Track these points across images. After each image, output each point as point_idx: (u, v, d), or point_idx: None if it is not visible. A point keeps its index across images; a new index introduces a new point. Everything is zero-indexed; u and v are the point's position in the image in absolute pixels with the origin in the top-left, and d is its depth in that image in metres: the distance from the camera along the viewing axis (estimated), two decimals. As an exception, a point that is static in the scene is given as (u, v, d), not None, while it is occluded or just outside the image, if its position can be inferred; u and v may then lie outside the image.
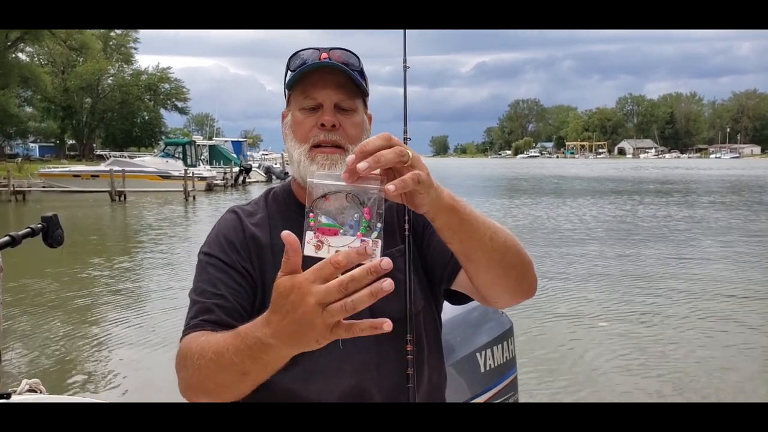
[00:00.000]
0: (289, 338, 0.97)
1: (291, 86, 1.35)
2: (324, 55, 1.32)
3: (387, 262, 0.88)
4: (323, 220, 0.96)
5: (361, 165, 0.96)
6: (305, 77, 1.32)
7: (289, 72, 1.36)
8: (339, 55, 1.33)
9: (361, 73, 1.36)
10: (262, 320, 1.01)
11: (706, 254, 11.85)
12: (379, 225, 0.96)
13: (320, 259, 0.95)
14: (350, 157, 0.97)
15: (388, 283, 0.89)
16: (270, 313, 0.98)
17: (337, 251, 0.94)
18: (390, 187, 0.96)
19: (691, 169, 67.60)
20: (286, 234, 0.94)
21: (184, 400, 1.20)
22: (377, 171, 0.99)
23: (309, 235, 0.96)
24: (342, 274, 0.90)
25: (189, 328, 1.26)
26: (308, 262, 0.99)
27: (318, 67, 1.31)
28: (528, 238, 13.80)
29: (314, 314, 0.91)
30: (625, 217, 18.91)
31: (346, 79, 1.32)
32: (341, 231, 0.95)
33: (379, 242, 0.96)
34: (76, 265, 11.17)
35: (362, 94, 1.36)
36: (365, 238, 0.95)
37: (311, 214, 0.97)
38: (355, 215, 0.96)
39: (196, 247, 1.54)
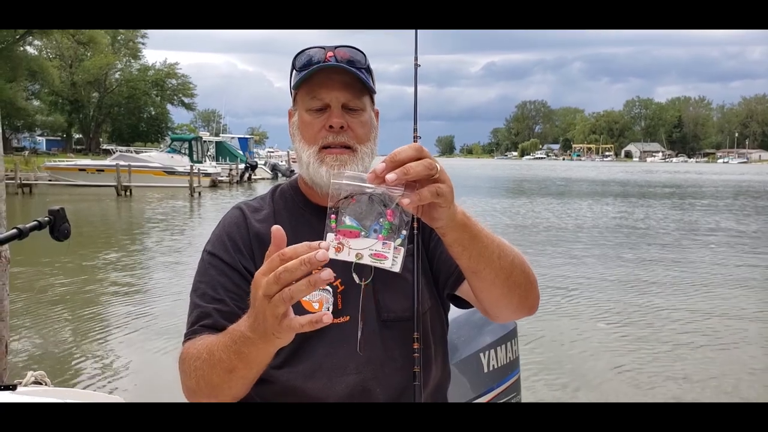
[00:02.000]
0: (257, 330, 1.00)
1: (297, 86, 1.34)
2: (330, 54, 1.31)
3: (323, 254, 0.90)
4: (347, 221, 0.95)
5: (390, 177, 0.95)
6: (311, 78, 1.31)
7: (294, 71, 1.35)
8: (344, 53, 1.32)
9: (368, 70, 1.35)
10: (245, 314, 1.05)
11: (708, 257, 11.81)
12: (404, 232, 0.96)
13: (342, 261, 0.96)
14: (380, 166, 0.97)
15: (326, 273, 0.91)
16: (249, 309, 1.02)
17: (357, 254, 0.94)
18: (405, 200, 0.97)
19: (702, 173, 67.19)
20: (276, 228, 0.95)
21: (187, 400, 1.21)
22: None
23: (330, 237, 0.95)
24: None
25: (189, 334, 1.28)
26: (329, 264, 1.00)
27: (323, 68, 1.30)
28: (528, 238, 13.80)
29: (263, 305, 0.95)
30: (628, 220, 18.85)
31: (353, 78, 1.31)
32: (363, 233, 0.94)
33: (402, 250, 0.95)
34: (81, 258, 11.21)
35: (369, 91, 1.36)
36: (387, 241, 0.94)
37: (333, 216, 0.96)
38: (381, 219, 0.95)
39: (199, 242, 1.55)
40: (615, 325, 7.21)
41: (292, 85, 1.37)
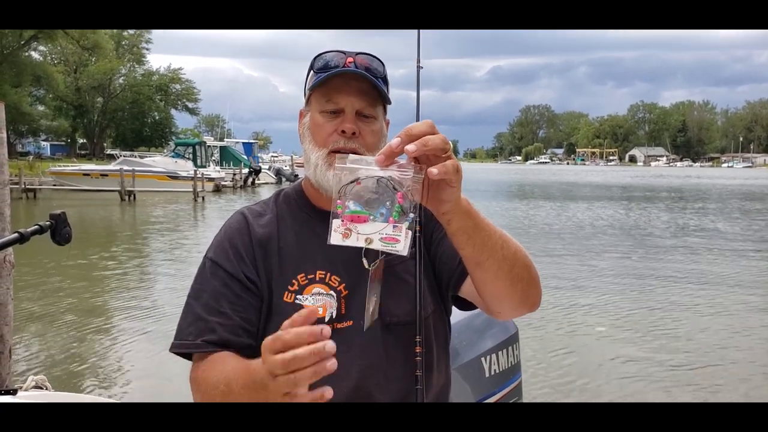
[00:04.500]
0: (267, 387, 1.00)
1: (313, 88, 1.34)
2: (349, 59, 1.31)
3: (331, 346, 0.91)
4: (351, 206, 0.93)
5: (410, 147, 0.96)
6: (328, 82, 1.31)
7: (312, 72, 1.35)
8: (364, 60, 1.32)
9: (384, 79, 1.35)
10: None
11: (714, 262, 11.79)
12: (411, 215, 0.94)
13: (339, 260, 0.93)
14: (395, 140, 0.97)
15: (331, 364, 0.91)
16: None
17: (367, 239, 0.93)
18: (433, 170, 0.96)
19: (714, 178, 66.90)
20: (307, 310, 0.95)
21: (189, 400, 1.21)
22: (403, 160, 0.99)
23: (336, 222, 0.93)
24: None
25: (193, 348, 1.29)
26: (335, 250, 0.99)
27: (343, 72, 1.30)
28: (533, 241, 13.79)
29: (268, 379, 0.96)
30: (631, 223, 18.82)
31: (369, 86, 1.31)
32: (371, 217, 0.93)
33: (410, 233, 0.93)
34: (84, 263, 11.24)
35: (384, 101, 1.36)
36: (398, 224, 0.93)
37: (339, 201, 0.94)
38: (388, 202, 0.93)
39: (202, 247, 1.55)
40: (615, 327, 7.23)
41: (308, 86, 1.36)
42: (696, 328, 7.19)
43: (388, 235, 0.93)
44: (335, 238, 0.94)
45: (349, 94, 1.31)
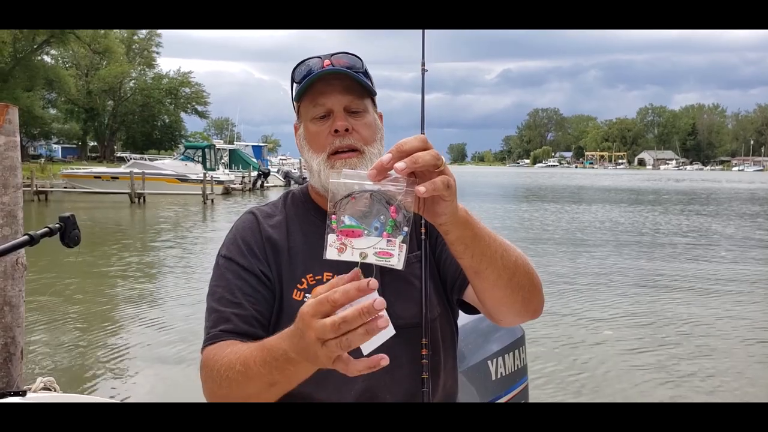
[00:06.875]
0: (305, 356, 0.99)
1: (299, 98, 1.36)
2: (327, 62, 1.32)
3: (380, 302, 0.89)
4: (347, 221, 0.93)
5: (399, 165, 0.95)
6: (312, 87, 1.33)
7: (294, 84, 1.37)
8: (341, 59, 1.33)
9: (366, 74, 1.37)
10: (287, 334, 1.02)
11: (722, 263, 11.70)
12: (405, 229, 0.94)
13: (344, 262, 0.94)
14: (386, 156, 0.96)
15: (383, 320, 0.90)
16: (290, 330, 1.00)
17: (362, 254, 0.93)
18: (421, 188, 0.95)
19: (733, 182, 66.22)
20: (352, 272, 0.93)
21: (196, 401, 1.21)
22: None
23: (331, 237, 0.94)
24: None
25: (209, 339, 1.28)
26: (332, 264, 0.99)
27: (322, 75, 1.31)
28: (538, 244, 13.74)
29: (315, 347, 0.93)
30: (640, 226, 18.72)
31: (352, 82, 1.33)
32: (365, 232, 0.93)
33: (405, 246, 0.94)
34: (93, 265, 11.29)
35: (369, 94, 1.37)
36: (392, 239, 0.93)
37: (333, 216, 0.94)
38: (381, 216, 0.93)
39: (211, 249, 1.56)
40: (622, 331, 7.20)
41: (293, 98, 1.38)
42: (701, 329, 7.15)
43: (382, 250, 0.93)
44: (331, 254, 0.94)
45: (334, 94, 1.32)
